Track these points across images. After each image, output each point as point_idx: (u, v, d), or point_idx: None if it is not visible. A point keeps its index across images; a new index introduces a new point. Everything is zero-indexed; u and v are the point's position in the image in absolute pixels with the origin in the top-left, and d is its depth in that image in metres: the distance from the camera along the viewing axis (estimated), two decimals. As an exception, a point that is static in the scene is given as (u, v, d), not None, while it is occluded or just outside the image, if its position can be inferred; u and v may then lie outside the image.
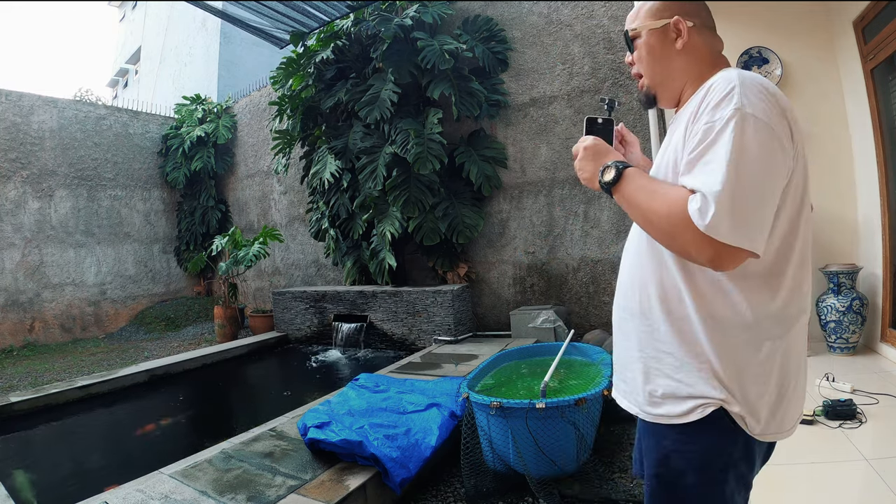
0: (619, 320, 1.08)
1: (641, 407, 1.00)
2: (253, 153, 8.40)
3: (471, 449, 2.34)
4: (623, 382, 1.07)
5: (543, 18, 5.03)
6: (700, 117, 0.84)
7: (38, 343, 7.27)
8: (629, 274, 1.04)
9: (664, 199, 0.84)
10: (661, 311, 0.94)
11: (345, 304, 5.62)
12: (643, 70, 1.04)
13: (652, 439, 0.99)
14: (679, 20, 0.98)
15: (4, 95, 7.17)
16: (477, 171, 5.07)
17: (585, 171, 0.99)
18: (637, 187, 0.89)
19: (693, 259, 0.84)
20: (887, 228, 3.20)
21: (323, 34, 5.61)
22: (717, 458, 0.92)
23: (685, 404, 0.91)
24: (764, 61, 3.69)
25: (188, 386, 4.70)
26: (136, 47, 19.32)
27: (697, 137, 0.83)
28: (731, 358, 0.89)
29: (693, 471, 0.92)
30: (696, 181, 0.80)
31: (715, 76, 0.91)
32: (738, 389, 0.89)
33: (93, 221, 8.08)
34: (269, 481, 2.11)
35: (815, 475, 1.91)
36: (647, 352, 0.98)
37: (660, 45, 1.00)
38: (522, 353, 3.30)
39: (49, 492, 2.65)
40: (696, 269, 0.90)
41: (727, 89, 0.82)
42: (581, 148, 0.99)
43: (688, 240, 0.80)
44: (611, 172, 0.92)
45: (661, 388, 0.95)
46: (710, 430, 0.90)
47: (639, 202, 0.88)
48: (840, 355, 3.25)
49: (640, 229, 1.00)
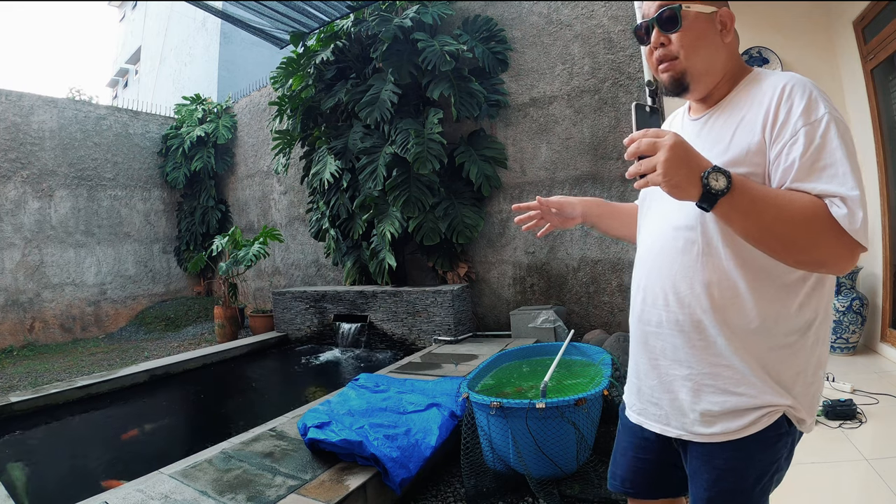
0: (645, 335, 0.99)
1: (689, 429, 0.93)
2: (253, 153, 8.40)
3: (471, 449, 2.34)
4: (655, 406, 0.99)
5: (543, 18, 5.03)
6: (788, 119, 0.81)
7: (38, 343, 7.27)
8: (662, 285, 0.94)
9: (796, 208, 0.77)
10: (717, 323, 0.88)
11: (345, 304, 5.62)
12: (686, 54, 0.92)
13: (699, 460, 0.94)
14: (729, 12, 0.93)
15: (4, 95, 7.17)
16: (477, 171, 5.07)
17: (677, 176, 0.76)
18: (755, 196, 0.78)
19: (824, 266, 0.81)
20: (887, 228, 3.20)
21: (323, 34, 5.61)
22: (771, 464, 0.91)
23: (747, 417, 0.88)
24: (764, 61, 3.69)
25: (188, 386, 4.70)
26: (136, 47, 19.32)
27: (801, 141, 0.79)
28: (792, 362, 0.88)
29: (752, 483, 0.90)
30: (828, 187, 0.77)
31: (770, 78, 0.89)
32: (800, 392, 0.89)
33: (93, 221, 8.08)
34: (269, 481, 2.11)
35: (815, 475, 1.91)
36: (699, 368, 0.91)
37: (709, 32, 0.92)
38: (522, 353, 3.30)
39: (49, 492, 2.65)
40: (764, 275, 0.86)
41: (808, 92, 0.82)
42: (665, 147, 0.76)
43: (830, 247, 0.77)
44: (720, 180, 0.75)
45: (717, 405, 0.89)
46: (767, 439, 0.89)
47: (762, 213, 0.77)
48: (840, 355, 3.25)
49: (674, 235, 0.93)
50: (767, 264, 0.85)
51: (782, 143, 0.81)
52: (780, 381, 0.87)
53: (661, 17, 0.92)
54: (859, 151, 3.40)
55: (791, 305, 0.87)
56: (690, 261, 0.90)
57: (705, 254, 0.89)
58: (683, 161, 0.76)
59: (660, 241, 0.96)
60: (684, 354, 0.92)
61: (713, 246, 0.88)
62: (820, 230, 0.77)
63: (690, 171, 0.76)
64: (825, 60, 3.61)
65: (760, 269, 0.86)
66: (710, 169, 0.76)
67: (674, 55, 0.93)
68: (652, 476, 1.08)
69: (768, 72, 0.93)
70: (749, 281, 0.86)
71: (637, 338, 1.02)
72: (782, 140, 0.81)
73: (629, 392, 1.08)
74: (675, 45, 0.92)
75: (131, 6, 20.08)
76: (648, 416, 1.01)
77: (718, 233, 0.88)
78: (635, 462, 1.09)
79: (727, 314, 0.88)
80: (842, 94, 3.57)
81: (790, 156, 0.80)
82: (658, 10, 0.93)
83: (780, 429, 0.88)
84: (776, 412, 0.87)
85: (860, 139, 3.44)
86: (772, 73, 0.91)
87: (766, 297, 0.86)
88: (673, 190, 0.77)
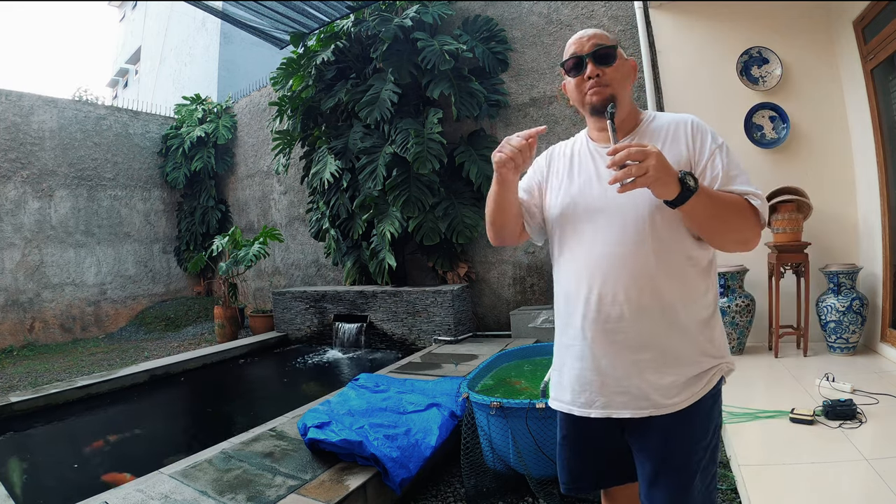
0: (605, 333, 1.09)
1: (659, 403, 1.07)
2: (253, 153, 8.40)
3: (471, 449, 2.34)
4: (622, 395, 1.09)
5: (543, 18, 5.03)
6: (703, 146, 1.10)
7: (38, 343, 7.27)
8: (622, 284, 1.07)
9: (732, 202, 1.04)
10: (672, 305, 1.07)
11: (345, 304, 5.62)
12: (615, 84, 1.14)
13: (664, 433, 1.08)
14: (635, 63, 1.23)
15: (4, 95, 7.17)
16: (477, 170, 5.06)
17: (665, 176, 0.94)
18: (710, 194, 1.02)
19: (748, 244, 1.08)
20: (887, 228, 3.20)
21: (323, 35, 5.61)
22: (719, 414, 1.15)
23: (703, 379, 1.08)
24: (764, 61, 3.69)
25: (188, 386, 4.70)
26: (136, 47, 19.32)
27: (718, 160, 1.08)
28: (716, 327, 1.13)
29: (711, 434, 1.10)
30: (742, 187, 1.06)
31: (669, 118, 1.17)
32: (726, 349, 1.14)
33: (93, 221, 8.08)
34: (269, 481, 2.11)
35: (815, 475, 1.91)
36: (661, 348, 1.07)
37: (628, 73, 1.19)
38: (522, 353, 3.30)
39: (49, 491, 2.65)
40: (693, 262, 1.10)
41: (707, 127, 1.12)
42: (654, 154, 0.93)
43: (753, 230, 1.06)
44: (691, 180, 0.97)
45: (681, 375, 1.07)
46: (716, 394, 1.12)
47: (713, 205, 1.01)
48: (840, 355, 3.24)
49: (622, 241, 1.08)
50: (694, 254, 1.09)
51: (703, 163, 1.09)
52: (713, 342, 1.11)
53: (597, 54, 1.14)
54: (859, 151, 3.41)
55: (706, 284, 1.12)
56: (644, 257, 1.07)
57: (655, 250, 1.07)
58: (667, 165, 0.95)
59: (608, 249, 1.10)
60: (649, 338, 1.07)
61: (660, 243, 1.07)
62: (746, 216, 1.05)
63: (672, 173, 0.95)
64: (825, 60, 3.61)
65: (689, 258, 1.09)
66: (683, 172, 0.98)
67: (606, 83, 1.14)
68: (616, 464, 1.19)
69: (660, 114, 1.21)
70: (685, 269, 1.09)
71: (595, 338, 1.11)
72: (703, 161, 1.09)
73: (587, 391, 1.13)
74: (608, 76, 1.14)
75: (131, 6, 20.07)
76: (616, 405, 1.10)
77: (663, 232, 1.07)
78: (594, 456, 1.19)
79: (677, 297, 1.07)
80: (842, 94, 3.57)
81: (714, 169, 1.08)
82: (593, 47, 1.14)
83: (721, 382, 1.14)
84: (720, 370, 1.11)
85: (860, 139, 3.44)
86: (666, 114, 1.19)
87: (694, 278, 1.10)
88: (660, 188, 0.95)
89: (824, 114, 3.61)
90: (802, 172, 3.59)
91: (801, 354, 3.35)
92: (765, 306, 3.54)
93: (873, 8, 3.08)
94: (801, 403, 2.40)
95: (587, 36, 1.16)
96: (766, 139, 3.70)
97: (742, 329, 3.48)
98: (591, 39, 1.15)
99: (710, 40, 3.84)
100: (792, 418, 2.29)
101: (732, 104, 3.72)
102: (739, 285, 3.52)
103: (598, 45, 1.13)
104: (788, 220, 3.33)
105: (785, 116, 3.63)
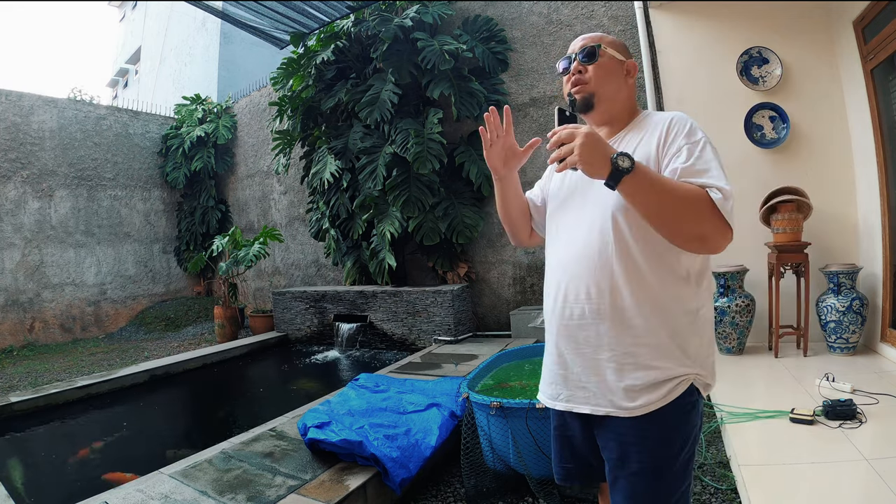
0: (568, 329, 1.12)
1: (616, 404, 1.06)
2: (253, 153, 8.40)
3: (471, 449, 2.34)
4: (582, 390, 1.11)
5: (543, 18, 5.03)
6: (675, 140, 1.06)
7: (38, 343, 7.27)
8: (585, 282, 1.09)
9: (685, 190, 0.97)
10: (634, 307, 1.05)
11: (345, 304, 5.62)
12: (596, 82, 1.16)
13: (622, 438, 1.07)
14: (634, 64, 1.22)
15: (4, 95, 7.17)
16: (477, 170, 5.06)
17: (592, 157, 0.95)
18: (653, 178, 0.97)
19: (706, 241, 0.99)
20: (887, 228, 3.20)
21: (323, 35, 5.61)
22: (690, 432, 1.08)
23: (664, 387, 1.04)
24: (764, 61, 3.69)
25: (188, 386, 4.70)
26: (136, 47, 19.32)
27: (684, 153, 1.03)
28: (691, 337, 1.07)
29: (677, 451, 1.05)
30: (707, 180, 0.99)
31: (659, 114, 1.15)
32: (703, 362, 1.08)
33: (93, 221, 8.08)
34: (269, 481, 2.11)
35: (815, 475, 1.91)
36: (621, 349, 1.06)
37: (617, 71, 1.19)
38: (522, 353, 3.29)
39: (49, 491, 2.65)
40: (666, 267, 1.06)
41: (688, 123, 1.08)
42: (581, 134, 0.95)
43: (710, 224, 0.97)
44: (626, 161, 0.94)
45: (639, 379, 1.04)
46: (685, 406, 1.06)
47: (657, 191, 0.96)
48: (840, 355, 3.24)
49: (589, 240, 1.09)
50: (667, 258, 1.06)
51: (670, 156, 1.05)
52: (686, 352, 1.06)
53: (583, 52, 1.18)
54: (859, 151, 3.41)
55: (684, 292, 1.07)
56: (607, 258, 1.07)
57: (619, 252, 1.06)
58: (596, 145, 0.95)
59: (576, 248, 1.12)
60: (608, 339, 1.07)
61: (624, 245, 1.06)
62: (702, 209, 0.96)
63: (601, 154, 0.95)
64: (825, 60, 3.61)
65: (661, 262, 1.06)
66: (618, 153, 0.95)
67: (586, 81, 1.17)
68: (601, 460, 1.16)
69: (656, 112, 1.19)
70: (654, 272, 1.05)
71: (559, 332, 1.15)
72: (669, 153, 1.06)
73: (554, 383, 1.18)
74: (589, 73, 1.17)
75: (131, 6, 20.07)
76: (577, 400, 1.13)
77: (628, 232, 1.05)
78: (579, 449, 1.20)
79: (640, 300, 1.05)
80: (842, 94, 3.57)
81: (675, 163, 1.03)
82: (582, 47, 1.18)
83: (693, 396, 1.07)
84: (687, 380, 1.05)
85: (860, 139, 3.44)
86: (660, 112, 1.18)
87: (667, 285, 1.06)
88: (587, 167, 0.95)
89: (824, 114, 3.61)
90: (802, 172, 3.59)
91: (801, 354, 3.35)
92: (765, 306, 3.55)
93: (873, 8, 3.08)
94: (801, 403, 2.40)
95: (580, 41, 1.21)
96: (766, 139, 3.71)
97: (742, 329, 3.48)
98: (582, 41, 1.20)
99: (710, 40, 3.85)
100: (792, 418, 2.29)
101: (732, 104, 3.72)
102: (739, 285, 3.52)
103: (586, 47, 1.18)
104: (788, 220, 3.33)
105: (785, 116, 3.63)
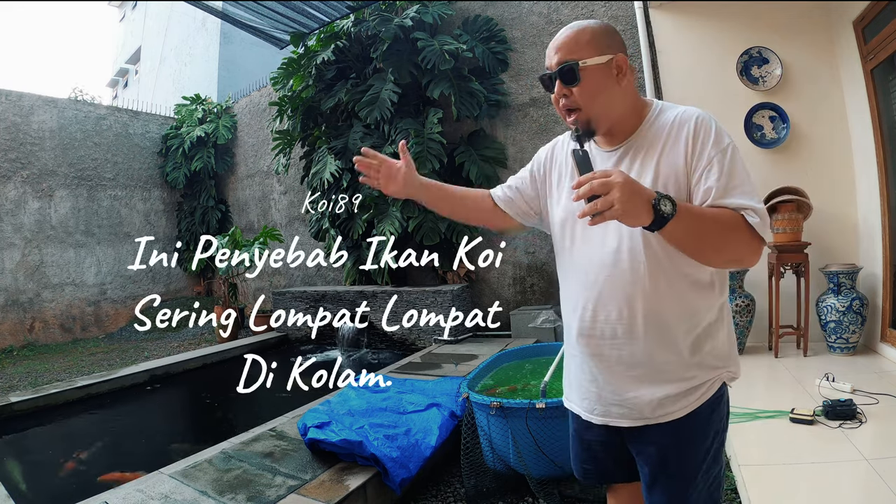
0: (599, 348, 1.10)
1: (654, 414, 1.07)
2: (253, 153, 8.40)
3: (471, 449, 2.34)
4: (618, 407, 1.10)
5: (543, 18, 5.03)
6: (703, 150, 1.00)
7: (38, 343, 7.27)
8: (616, 302, 1.06)
9: (724, 221, 0.95)
10: (668, 324, 1.04)
11: (345, 304, 5.61)
12: (586, 104, 1.04)
13: (661, 440, 1.08)
14: (623, 57, 1.06)
15: (4, 95, 7.17)
16: (477, 171, 5.06)
17: (635, 208, 0.86)
18: (694, 215, 0.94)
19: (742, 262, 0.99)
20: (887, 228, 3.20)
21: (323, 35, 5.61)
22: (720, 421, 1.10)
23: (700, 391, 1.06)
24: (764, 61, 3.69)
25: (188, 386, 4.70)
26: (136, 47, 19.32)
27: (715, 168, 0.98)
28: (718, 337, 1.08)
29: (711, 440, 1.08)
30: (741, 201, 0.96)
31: (676, 111, 1.06)
32: (729, 357, 1.10)
33: (93, 221, 8.08)
34: (269, 481, 2.11)
35: (815, 475, 1.91)
36: (656, 366, 1.06)
37: (606, 80, 1.05)
38: (522, 353, 3.30)
39: (49, 491, 2.65)
40: (690, 280, 1.04)
41: (713, 126, 1.01)
42: (618, 186, 0.85)
43: (749, 248, 0.97)
44: (668, 205, 0.88)
45: (675, 389, 1.05)
46: (716, 400, 1.08)
47: (697, 227, 0.94)
48: (840, 355, 3.24)
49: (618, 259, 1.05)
50: (691, 271, 1.04)
51: (701, 169, 0.99)
52: (716, 355, 1.08)
53: (561, 72, 1.05)
54: (859, 151, 3.41)
55: (709, 296, 1.07)
56: (639, 278, 1.03)
57: (650, 273, 1.03)
58: (635, 194, 0.86)
59: (602, 267, 1.07)
60: (641, 357, 1.06)
61: (655, 264, 1.03)
62: (741, 236, 0.96)
63: (643, 202, 0.87)
64: (825, 60, 3.61)
65: (685, 276, 1.04)
66: (658, 196, 0.89)
67: (577, 106, 1.06)
68: (621, 464, 1.20)
69: (669, 105, 1.10)
70: (682, 287, 1.04)
71: (589, 350, 1.12)
72: (700, 167, 1.00)
73: (587, 399, 1.16)
74: (576, 96, 1.05)
75: (131, 6, 20.07)
76: (613, 415, 1.12)
77: (659, 253, 1.02)
78: (599, 453, 1.21)
79: (673, 316, 1.04)
80: (842, 94, 3.57)
81: (709, 180, 0.98)
82: (559, 64, 1.05)
83: (722, 389, 1.10)
84: (719, 380, 1.09)
85: (860, 139, 3.44)
86: (675, 107, 1.08)
87: (693, 296, 1.05)
88: (629, 220, 0.88)
89: (824, 114, 3.61)
90: (802, 172, 3.59)
91: (801, 354, 3.35)
92: (765, 306, 3.55)
93: (873, 8, 3.08)
94: (801, 403, 2.40)
95: (555, 48, 1.08)
96: (766, 139, 3.70)
97: (742, 329, 3.48)
98: (557, 53, 1.07)
99: (710, 40, 3.84)
100: (792, 418, 2.29)
101: (732, 104, 3.72)
102: (739, 285, 3.52)
103: (562, 63, 1.05)
104: (788, 220, 3.33)
105: (785, 116, 3.63)
